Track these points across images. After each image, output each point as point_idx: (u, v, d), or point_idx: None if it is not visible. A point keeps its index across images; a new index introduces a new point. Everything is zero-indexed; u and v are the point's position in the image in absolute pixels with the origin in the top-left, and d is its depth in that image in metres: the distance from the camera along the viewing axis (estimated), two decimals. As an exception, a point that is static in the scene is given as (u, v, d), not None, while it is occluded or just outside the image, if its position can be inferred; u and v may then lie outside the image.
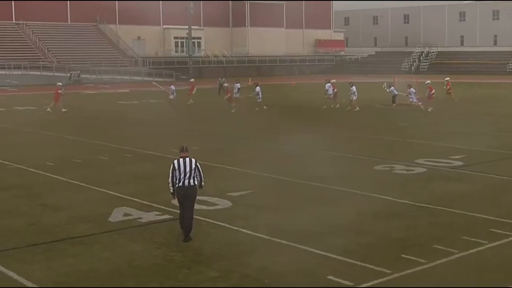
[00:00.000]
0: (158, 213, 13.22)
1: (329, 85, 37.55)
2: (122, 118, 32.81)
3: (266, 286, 9.29)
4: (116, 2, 78.19)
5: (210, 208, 13.51)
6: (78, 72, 63.88)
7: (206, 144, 22.38)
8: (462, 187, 15.69)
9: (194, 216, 11.63)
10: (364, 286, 9.18)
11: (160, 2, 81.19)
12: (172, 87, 39.29)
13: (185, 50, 79.23)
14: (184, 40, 79.75)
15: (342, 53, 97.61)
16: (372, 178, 16.85)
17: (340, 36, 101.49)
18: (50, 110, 35.30)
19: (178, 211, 11.84)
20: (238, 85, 39.43)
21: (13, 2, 72.41)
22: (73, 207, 13.85)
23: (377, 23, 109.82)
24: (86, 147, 22.58)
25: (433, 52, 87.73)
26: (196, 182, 11.50)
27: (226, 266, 10.03)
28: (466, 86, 54.37)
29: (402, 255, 10.42)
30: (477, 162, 18.99)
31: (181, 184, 11.38)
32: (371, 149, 21.85)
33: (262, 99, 36.59)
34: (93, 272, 9.87)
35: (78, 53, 69.60)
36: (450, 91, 38.57)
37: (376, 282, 9.31)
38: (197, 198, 11.73)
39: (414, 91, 35.95)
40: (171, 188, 11.54)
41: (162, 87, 39.46)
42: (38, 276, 9.71)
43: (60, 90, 35.80)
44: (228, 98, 36.80)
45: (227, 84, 40.40)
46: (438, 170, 17.84)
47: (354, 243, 11.09)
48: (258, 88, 36.84)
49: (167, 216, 12.94)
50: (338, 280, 9.37)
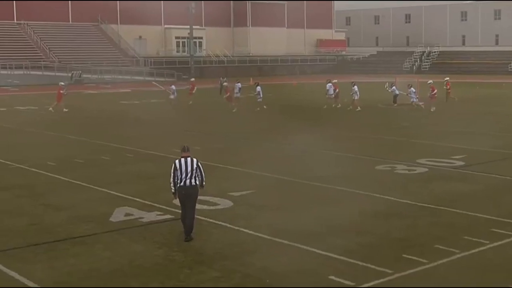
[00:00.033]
0: (159, 213, 13.23)
1: (330, 85, 37.53)
2: (123, 118, 32.82)
3: (267, 286, 9.30)
4: (117, 2, 78.24)
5: (211, 208, 13.51)
6: (80, 72, 63.90)
7: (208, 144, 22.39)
8: (464, 187, 15.68)
9: (195, 216, 11.64)
10: (365, 286, 9.18)
11: (161, 2, 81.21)
12: (172, 87, 39.28)
13: (186, 50, 79.24)
14: (185, 40, 79.76)
15: (344, 53, 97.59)
16: (373, 178, 16.85)
17: (341, 36, 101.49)
18: (52, 109, 35.32)
19: (179, 211, 11.86)
20: (239, 84, 39.40)
21: (14, 2, 72.45)
22: (74, 207, 13.87)
23: (378, 23, 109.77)
24: (87, 147, 22.59)
25: (434, 52, 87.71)
26: (197, 182, 11.51)
27: (228, 266, 10.03)
28: (468, 86, 54.35)
29: (404, 255, 10.42)
30: (478, 162, 18.98)
31: (182, 184, 11.39)
32: (373, 149, 21.84)
33: (263, 99, 36.60)
34: (94, 272, 9.88)
35: (80, 53, 69.64)
36: (449, 91, 38.59)
37: (377, 282, 9.31)
38: (198, 198, 11.74)
39: (414, 91, 36.11)
40: (173, 188, 11.55)
41: (163, 87, 39.41)
42: (39, 276, 9.73)
43: (62, 90, 35.80)
44: (227, 97, 36.76)
45: (227, 83, 40.38)
46: (439, 170, 17.83)
47: (355, 243, 11.09)
48: (259, 87, 36.85)
49: (169, 216, 12.94)
50: (340, 280, 9.37)
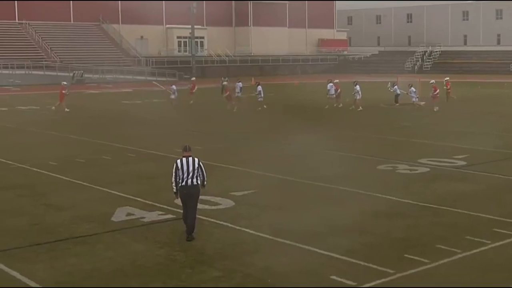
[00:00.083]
0: (161, 212, 13.23)
1: (331, 85, 37.46)
2: (125, 117, 32.82)
3: (269, 286, 9.29)
4: (119, 2, 78.24)
5: (213, 207, 13.51)
6: (81, 71, 63.91)
7: (209, 143, 22.38)
8: (466, 187, 15.66)
9: (197, 215, 11.63)
10: (367, 286, 9.17)
11: (163, 2, 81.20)
12: (173, 87, 39.16)
13: (188, 49, 79.23)
14: (187, 39, 79.75)
15: (345, 52, 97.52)
16: (375, 178, 16.83)
17: (343, 35, 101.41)
18: (54, 108, 35.33)
19: (181, 211, 11.87)
20: (240, 84, 39.37)
21: (16, 2, 72.47)
22: (76, 207, 13.87)
23: (380, 23, 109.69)
24: (89, 147, 22.60)
25: (436, 51, 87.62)
26: (199, 182, 11.52)
27: (229, 265, 10.03)
28: (470, 86, 54.32)
29: (405, 255, 10.40)
30: (480, 162, 18.95)
31: (184, 183, 11.39)
32: (374, 148, 21.83)
33: (264, 98, 36.59)
34: (96, 271, 9.88)
35: (81, 52, 69.66)
36: (449, 91, 38.53)
37: (379, 282, 9.30)
38: (200, 197, 11.74)
39: (415, 90, 36.14)
40: (174, 187, 11.55)
41: (163, 87, 39.36)
42: (41, 275, 9.73)
43: (64, 90, 35.80)
44: (226, 96, 36.62)
45: (226, 82, 40.29)
46: (441, 169, 17.81)
47: (357, 243, 11.08)
48: (259, 87, 36.82)
49: (170, 215, 12.94)
50: (342, 280, 9.36)
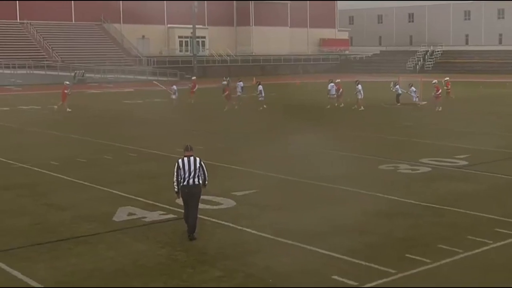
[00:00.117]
0: (162, 212, 13.23)
1: (331, 85, 37.38)
2: (126, 117, 32.83)
3: (270, 286, 9.28)
4: (120, 1, 78.23)
5: (214, 207, 13.51)
6: (83, 71, 63.91)
7: (211, 143, 22.37)
8: (467, 187, 15.65)
9: (198, 215, 11.63)
10: (368, 286, 9.17)
11: (164, 1, 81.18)
12: (174, 87, 38.96)
13: (189, 49, 79.23)
14: (188, 39, 79.79)
15: (347, 52, 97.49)
16: (376, 178, 16.83)
17: (344, 35, 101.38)
18: (56, 108, 35.34)
19: (182, 211, 11.86)
20: (241, 83, 39.33)
21: (17, 1, 72.50)
22: (77, 207, 13.87)
23: (381, 22, 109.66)
24: (90, 147, 22.60)
25: (438, 51, 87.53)
26: (200, 181, 11.52)
27: (231, 265, 10.02)
28: (471, 86, 54.29)
29: (407, 255, 10.40)
30: (482, 162, 18.94)
31: (185, 183, 11.39)
32: (376, 148, 21.82)
33: (265, 98, 36.57)
34: (97, 271, 9.88)
35: (83, 52, 69.67)
36: (449, 91, 38.47)
37: (380, 282, 9.30)
38: (201, 197, 11.75)
39: (415, 90, 36.35)
40: (176, 187, 11.55)
41: (163, 87, 39.28)
42: (42, 275, 9.73)
43: (66, 90, 35.80)
44: (226, 95, 36.49)
45: (226, 82, 40.17)
46: (442, 169, 17.80)
47: (358, 243, 11.07)
48: (260, 86, 36.79)
49: (171, 215, 12.94)
50: (343, 280, 9.35)
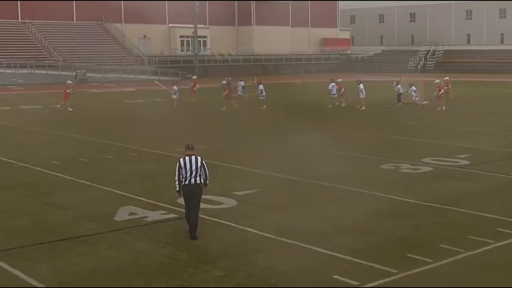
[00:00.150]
0: (163, 212, 13.23)
1: (332, 84, 37.30)
2: (127, 117, 32.81)
3: (272, 285, 9.28)
4: (121, 1, 78.19)
5: (215, 207, 13.51)
6: (84, 71, 63.91)
7: (212, 143, 22.37)
8: (469, 186, 15.64)
9: (199, 215, 11.63)
10: (370, 285, 9.16)
11: (165, 1, 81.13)
12: (174, 87, 38.69)
13: (190, 48, 79.22)
14: (190, 38, 79.77)
15: (348, 51, 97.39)
16: (378, 177, 16.82)
17: (346, 34, 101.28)
18: (59, 107, 35.39)
19: (183, 210, 11.86)
20: (242, 83, 39.28)
21: (19, 1, 72.51)
22: (78, 206, 13.87)
23: (383, 22, 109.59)
24: (91, 146, 22.61)
25: (439, 50, 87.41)
26: (202, 180, 11.52)
27: (232, 265, 10.02)
28: (473, 85, 54.24)
29: (408, 255, 10.39)
30: (483, 161, 18.92)
31: (187, 182, 11.39)
32: (377, 148, 21.81)
33: (266, 98, 36.55)
34: (98, 271, 9.88)
35: (84, 52, 69.66)
36: (449, 91, 38.44)
37: (382, 281, 9.29)
38: (202, 197, 11.75)
39: (415, 89, 36.50)
40: (177, 186, 11.55)
41: (164, 86, 39.22)
42: (43, 275, 9.73)
43: (69, 90, 35.82)
44: (225, 95, 36.39)
45: (225, 81, 40.06)
46: (444, 169, 17.78)
47: (360, 243, 11.06)
48: (261, 86, 36.73)
49: (173, 215, 12.95)
50: (344, 279, 9.35)
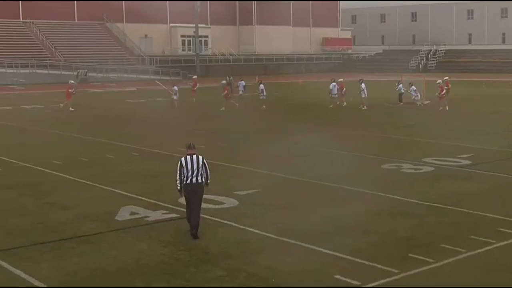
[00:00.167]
0: (165, 211, 13.22)
1: (333, 84, 37.26)
2: (129, 116, 32.82)
3: (273, 285, 9.27)
4: (123, 1, 78.20)
5: (217, 207, 13.50)
6: (85, 70, 63.92)
7: (213, 142, 22.35)
8: (470, 186, 15.62)
9: (201, 214, 11.62)
10: (371, 285, 9.15)
11: (167, 1, 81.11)
12: (175, 88, 38.54)
13: (192, 48, 79.21)
14: (191, 38, 79.76)
15: (350, 51, 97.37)
16: (379, 177, 16.80)
17: (347, 34, 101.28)
18: (62, 106, 35.43)
19: (185, 210, 11.84)
20: (242, 82, 39.25)
21: (20, 1, 72.54)
22: (80, 206, 13.87)
23: (384, 21, 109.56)
24: (93, 146, 22.61)
25: (441, 50, 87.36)
26: (203, 180, 11.52)
27: (233, 265, 10.02)
28: (474, 85, 54.21)
29: (410, 255, 10.38)
30: (485, 161, 18.90)
31: (188, 181, 11.39)
32: (379, 147, 21.79)
33: (267, 97, 36.54)
34: (100, 270, 9.88)
35: (85, 51, 69.69)
36: (449, 90, 38.38)
37: (383, 281, 9.28)
38: (204, 196, 11.74)
39: (415, 89, 36.57)
40: (179, 185, 11.55)
41: (165, 86, 39.23)
42: (45, 274, 9.73)
43: (71, 89, 35.84)
44: (225, 95, 36.34)
45: (225, 81, 40.03)
46: (446, 169, 17.77)
47: (361, 242, 11.05)
48: (262, 85, 36.69)
49: (174, 214, 12.94)
50: (346, 279, 9.34)
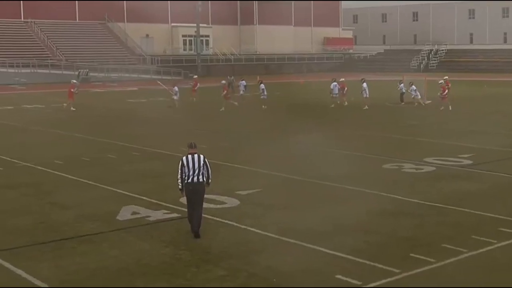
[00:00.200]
0: (166, 211, 13.23)
1: (334, 84, 37.22)
2: (130, 116, 32.84)
3: (274, 285, 9.27)
4: (124, 1, 78.23)
5: (218, 206, 13.50)
6: (87, 70, 63.94)
7: (214, 142, 22.36)
8: (471, 186, 15.62)
9: (203, 214, 11.62)
10: (372, 285, 9.15)
11: (168, 1, 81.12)
12: (175, 88, 38.43)
13: (193, 48, 79.22)
14: (192, 38, 79.77)
15: (351, 51, 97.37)
16: (380, 177, 16.80)
17: (348, 34, 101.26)
18: (65, 105, 35.48)
19: (186, 210, 11.84)
20: (243, 82, 39.22)
21: (21, 1, 72.58)
22: (81, 206, 13.88)
23: (386, 21, 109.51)
24: (94, 146, 22.63)
25: (442, 50, 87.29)
26: (204, 179, 11.51)
27: (234, 264, 10.02)
28: (476, 85, 54.18)
29: (411, 254, 10.38)
30: (486, 161, 18.89)
31: (190, 180, 11.40)
32: (380, 147, 21.78)
33: (268, 97, 36.53)
34: (101, 270, 9.89)
35: (87, 51, 69.74)
36: (449, 90, 38.35)
37: (384, 281, 9.28)
38: (205, 196, 11.74)
39: (415, 89, 36.64)
40: (180, 184, 11.55)
41: (166, 86, 39.24)
42: (46, 274, 9.74)
43: (73, 89, 35.89)
44: (224, 95, 36.32)
45: (224, 81, 40.05)
46: (447, 168, 17.76)
47: (362, 242, 11.05)
48: (262, 85, 36.67)
49: (175, 214, 12.94)
50: (347, 279, 9.34)
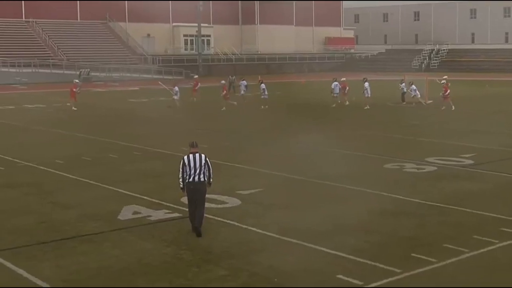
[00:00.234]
0: (167, 211, 13.23)
1: (335, 83, 37.21)
2: (131, 116, 32.87)
3: (275, 285, 9.27)
4: (125, 0, 78.24)
5: (219, 206, 13.50)
6: (88, 70, 63.95)
7: (215, 142, 22.36)
8: (473, 186, 15.60)
9: (204, 213, 11.62)
10: (373, 285, 9.14)
11: (169, 1, 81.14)
12: (176, 88, 38.37)
13: (194, 47, 79.26)
14: (193, 37, 79.79)
15: (352, 50, 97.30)
16: (382, 177, 16.79)
17: (350, 33, 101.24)
18: (69, 104, 35.53)
19: (187, 209, 11.84)
20: (244, 82, 39.19)
21: (23, 0, 72.62)
22: (82, 205, 13.89)
23: (387, 21, 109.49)
24: (95, 145, 22.63)
25: (443, 49, 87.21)
26: (206, 178, 11.52)
27: (235, 264, 10.02)
28: (477, 84, 54.15)
29: (412, 254, 10.37)
30: (488, 161, 18.88)
31: (191, 179, 11.41)
32: (381, 147, 21.77)
33: (269, 97, 36.51)
34: (102, 270, 9.89)
35: (88, 51, 69.77)
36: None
37: (385, 281, 9.27)
38: (206, 196, 11.74)
39: (415, 88, 36.69)
40: (181, 183, 11.56)
41: (166, 86, 39.24)
42: (47, 274, 9.74)
43: (75, 89, 35.92)
44: (223, 95, 36.27)
45: (224, 81, 40.02)
46: (448, 168, 17.75)
47: (363, 242, 11.05)
48: (263, 85, 36.64)
49: (177, 214, 12.94)
50: (348, 279, 9.33)
